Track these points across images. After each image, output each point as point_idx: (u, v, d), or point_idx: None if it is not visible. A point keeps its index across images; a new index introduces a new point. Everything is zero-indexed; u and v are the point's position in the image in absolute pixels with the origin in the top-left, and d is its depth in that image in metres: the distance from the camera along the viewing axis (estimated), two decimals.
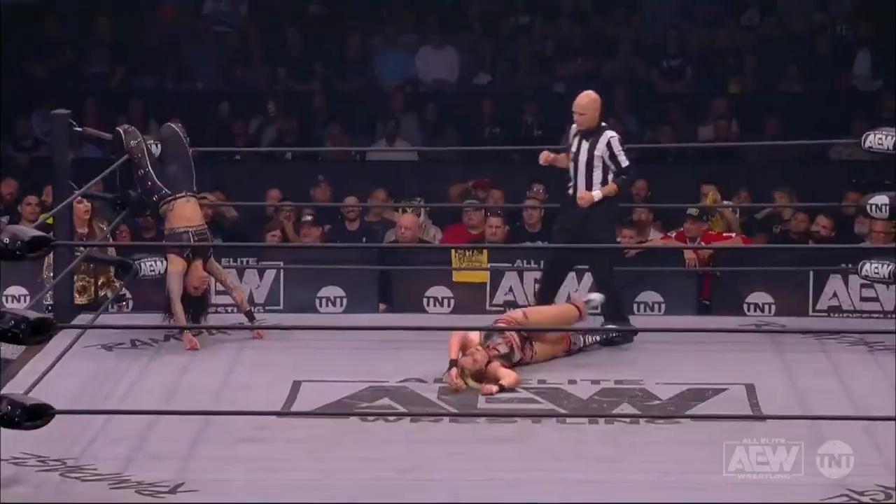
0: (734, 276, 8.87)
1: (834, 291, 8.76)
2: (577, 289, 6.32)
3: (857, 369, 6.57)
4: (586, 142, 6.96)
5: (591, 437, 5.69)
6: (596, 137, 6.96)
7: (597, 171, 6.95)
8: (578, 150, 6.98)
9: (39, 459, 5.35)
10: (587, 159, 6.94)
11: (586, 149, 6.96)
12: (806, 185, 10.16)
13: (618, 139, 6.99)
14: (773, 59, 12.04)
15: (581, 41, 12.26)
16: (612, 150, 6.95)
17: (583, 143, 6.98)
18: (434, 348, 6.74)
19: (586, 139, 6.96)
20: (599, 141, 6.95)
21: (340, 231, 9.83)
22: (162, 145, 7.24)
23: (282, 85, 12.21)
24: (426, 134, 11.84)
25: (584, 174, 6.96)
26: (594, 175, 6.95)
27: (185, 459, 5.41)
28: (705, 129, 11.60)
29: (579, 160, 6.97)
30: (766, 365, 6.55)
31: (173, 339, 7.03)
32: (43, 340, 5.09)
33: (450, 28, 12.39)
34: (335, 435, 5.67)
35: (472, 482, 5.23)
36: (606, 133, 6.99)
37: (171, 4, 12.64)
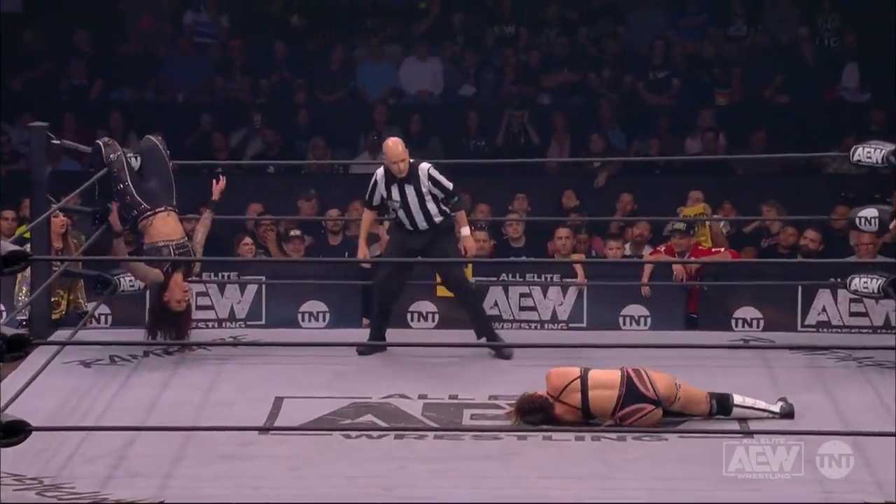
0: (721, 291, 8.90)
1: (823, 306, 8.79)
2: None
3: (847, 385, 6.58)
4: (409, 185, 6.99)
5: (577, 453, 5.69)
6: (415, 177, 7.00)
7: (430, 204, 7.04)
8: (403, 196, 7.00)
9: (16, 478, 5.33)
10: (417, 200, 7.00)
11: (413, 191, 7.00)
12: (794, 198, 10.20)
13: (432, 167, 7.06)
14: (760, 70, 12.09)
15: (567, 52, 12.29)
16: (436, 179, 7.02)
17: (405, 187, 6.99)
18: (417, 363, 6.75)
19: (407, 183, 6.99)
20: (420, 178, 7.00)
21: (323, 245, 9.82)
22: (142, 158, 7.22)
23: (264, 97, 12.21)
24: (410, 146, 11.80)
25: (421, 212, 7.02)
26: (430, 208, 7.03)
27: (165, 477, 5.39)
28: (692, 142, 11.64)
29: (409, 203, 7.00)
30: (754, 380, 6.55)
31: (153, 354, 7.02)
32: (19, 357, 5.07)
33: (434, 39, 12.42)
34: (318, 452, 5.66)
35: (457, 499, 5.22)
36: (422, 167, 7.05)
37: (151, 15, 12.63)
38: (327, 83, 12.30)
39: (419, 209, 7.03)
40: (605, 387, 5.88)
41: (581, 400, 5.88)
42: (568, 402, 5.88)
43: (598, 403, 5.88)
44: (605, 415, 5.89)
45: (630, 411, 5.86)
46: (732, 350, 7.11)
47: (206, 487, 5.31)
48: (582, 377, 5.90)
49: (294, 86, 12.23)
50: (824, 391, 6.46)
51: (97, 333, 7.90)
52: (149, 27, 12.60)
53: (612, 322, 8.93)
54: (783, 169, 11.52)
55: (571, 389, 5.88)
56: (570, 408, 5.89)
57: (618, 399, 5.86)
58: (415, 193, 7.01)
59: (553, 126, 11.72)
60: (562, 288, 9.02)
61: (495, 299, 8.91)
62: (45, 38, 12.42)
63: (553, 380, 5.94)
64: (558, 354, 6.62)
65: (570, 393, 5.88)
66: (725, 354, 6.86)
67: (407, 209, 7.03)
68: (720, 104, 11.99)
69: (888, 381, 6.60)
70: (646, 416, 5.86)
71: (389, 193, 7.04)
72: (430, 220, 7.04)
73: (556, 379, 5.93)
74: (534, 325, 8.98)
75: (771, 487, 5.27)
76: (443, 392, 6.45)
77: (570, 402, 5.88)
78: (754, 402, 6.03)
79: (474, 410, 6.23)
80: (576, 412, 5.89)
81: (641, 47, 12.30)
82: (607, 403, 5.87)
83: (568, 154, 11.47)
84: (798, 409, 6.08)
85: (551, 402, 5.91)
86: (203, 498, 5.21)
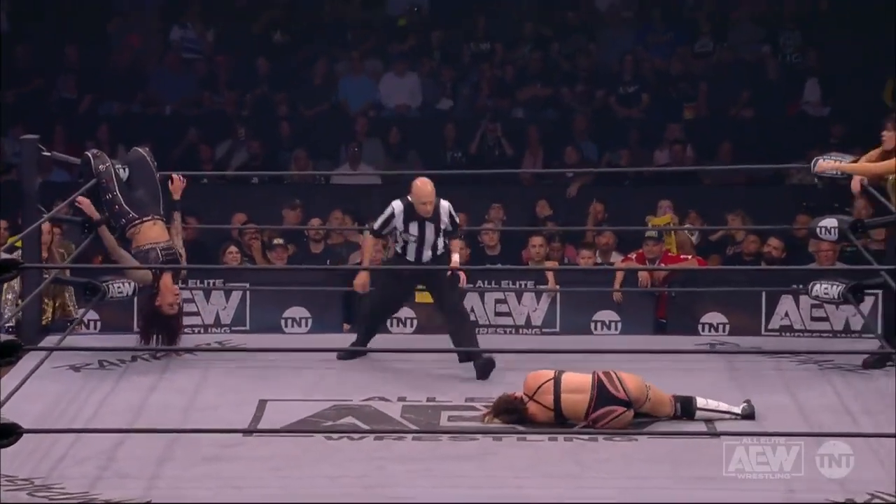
0: (689, 297, 8.92)
1: (786, 311, 8.82)
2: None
3: (808, 387, 6.60)
4: (430, 223, 6.90)
5: (550, 454, 5.68)
6: (437, 215, 6.91)
7: (440, 238, 6.95)
8: (422, 232, 6.88)
9: (7, 479, 5.29)
10: (434, 236, 6.90)
11: (432, 229, 6.90)
12: (758, 208, 10.23)
13: (450, 205, 6.97)
14: (725, 85, 12.13)
15: (540, 68, 12.31)
16: (453, 217, 6.94)
17: (426, 225, 6.89)
18: (396, 367, 6.74)
19: (429, 221, 6.90)
20: (441, 216, 6.91)
21: (305, 253, 9.81)
22: (129, 169, 7.20)
23: (248, 110, 12.19)
24: (389, 157, 11.85)
25: (431, 246, 6.92)
26: (438, 243, 6.94)
27: (153, 478, 5.36)
28: (661, 153, 11.66)
29: (425, 239, 6.89)
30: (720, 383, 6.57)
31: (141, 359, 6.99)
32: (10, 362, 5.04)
33: (412, 55, 12.42)
34: (300, 453, 5.64)
35: (435, 498, 5.20)
36: (443, 205, 6.94)
37: (139, 32, 12.60)
38: (309, 97, 12.29)
39: (431, 244, 6.93)
40: (577, 391, 5.88)
41: (553, 401, 5.88)
42: (541, 401, 5.90)
43: (570, 407, 5.89)
44: (578, 418, 5.89)
45: (602, 413, 5.86)
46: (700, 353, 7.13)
47: (191, 488, 5.29)
48: (556, 379, 5.91)
49: (277, 99, 12.22)
50: (787, 393, 6.48)
51: (87, 339, 7.87)
52: (137, 43, 12.58)
53: (585, 327, 8.94)
54: (748, 180, 11.56)
55: (544, 391, 5.89)
56: (543, 407, 5.89)
57: (590, 402, 5.86)
58: (433, 230, 6.90)
59: (527, 138, 11.73)
60: (536, 294, 9.02)
61: (471, 305, 8.90)
62: (35, 54, 12.38)
63: (528, 380, 5.96)
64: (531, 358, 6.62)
65: (543, 394, 5.90)
66: (693, 357, 6.87)
67: (420, 244, 6.92)
68: (687, 118, 12.03)
69: (848, 383, 6.64)
70: (617, 417, 5.87)
71: (406, 228, 6.90)
72: (436, 252, 6.95)
73: (531, 380, 5.94)
74: (509, 330, 8.98)
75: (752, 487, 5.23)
76: (421, 395, 6.45)
77: (542, 402, 5.89)
78: (717, 405, 6.04)
79: (451, 412, 6.22)
80: (548, 412, 5.89)
81: (612, 63, 12.33)
82: (579, 407, 5.87)
83: (541, 165, 11.49)
84: (761, 410, 6.09)
85: (526, 401, 5.92)
86: (189, 498, 5.18)
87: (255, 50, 12.44)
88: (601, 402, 5.86)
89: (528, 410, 5.91)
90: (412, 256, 6.94)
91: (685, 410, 5.99)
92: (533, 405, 5.91)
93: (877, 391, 6.45)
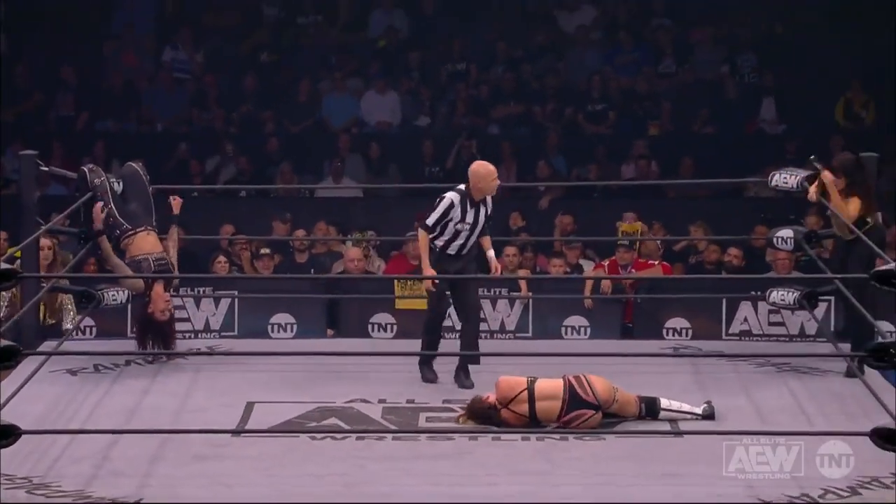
0: (654, 303, 8.95)
1: (745, 317, 8.86)
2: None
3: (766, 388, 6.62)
4: (483, 207, 6.72)
5: (523, 452, 5.69)
6: (485, 200, 6.74)
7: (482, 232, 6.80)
8: (476, 219, 6.70)
9: (7, 477, 5.26)
10: (482, 223, 6.73)
11: (483, 214, 6.73)
12: (719, 219, 10.28)
13: None
14: (687, 104, 12.18)
15: (513, 87, 12.34)
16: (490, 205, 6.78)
17: (480, 210, 6.71)
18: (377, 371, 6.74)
19: (482, 205, 6.72)
20: (488, 202, 6.75)
21: (291, 262, 9.80)
22: (123, 183, 7.18)
23: (236, 127, 12.18)
24: (370, 172, 11.85)
25: (476, 236, 6.74)
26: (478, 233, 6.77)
27: (145, 476, 5.34)
28: (627, 168, 11.70)
29: (476, 227, 6.71)
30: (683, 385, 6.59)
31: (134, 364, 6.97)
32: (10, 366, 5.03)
33: (392, 75, 12.44)
34: (286, 452, 5.63)
35: (414, 495, 5.20)
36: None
37: (133, 53, 12.58)
38: (294, 114, 12.28)
39: (476, 234, 6.74)
40: (550, 397, 5.91)
41: (529, 409, 5.91)
42: (516, 410, 5.91)
43: (543, 412, 5.92)
44: (551, 420, 5.91)
45: (573, 417, 5.89)
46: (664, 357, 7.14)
47: (182, 486, 5.27)
48: (529, 389, 5.92)
49: (264, 117, 12.20)
50: (745, 394, 6.51)
51: (82, 344, 7.84)
52: (130, 63, 12.55)
53: (555, 332, 8.96)
54: (709, 193, 11.61)
55: (519, 400, 5.91)
56: (518, 415, 5.91)
57: (562, 406, 5.89)
58: (483, 217, 6.73)
59: (501, 153, 11.75)
60: (509, 301, 9.04)
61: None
62: (34, 73, 12.34)
63: (502, 388, 5.94)
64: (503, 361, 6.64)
65: (518, 403, 5.91)
66: (658, 361, 6.89)
67: (471, 233, 6.71)
68: (652, 134, 12.07)
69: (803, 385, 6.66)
70: (586, 420, 5.89)
71: (464, 217, 6.68)
72: (473, 244, 6.76)
73: (505, 389, 5.94)
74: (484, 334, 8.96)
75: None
76: (400, 397, 6.45)
77: (518, 410, 5.91)
78: (679, 406, 6.07)
79: (429, 413, 6.23)
80: (523, 419, 5.91)
81: (581, 82, 12.37)
82: (552, 411, 5.90)
83: (515, 179, 11.51)
84: (722, 410, 6.12)
85: (499, 408, 5.93)
86: (180, 496, 5.17)
87: (242, 70, 12.43)
88: (572, 406, 5.88)
89: (502, 416, 5.92)
90: (458, 249, 6.72)
91: (649, 410, 6.01)
92: (507, 412, 5.92)
93: (830, 392, 6.49)
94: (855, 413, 6.06)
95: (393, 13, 12.70)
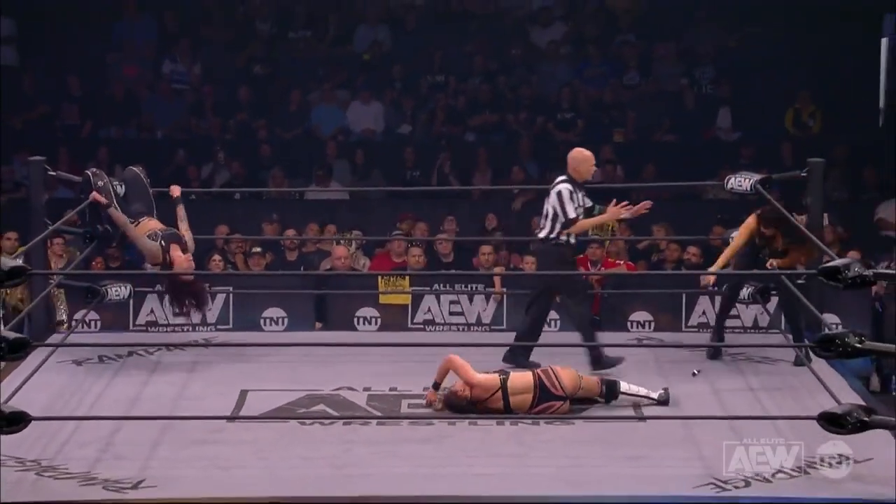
0: (619, 298, 8.97)
1: (703, 311, 8.89)
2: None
3: (722, 376, 6.66)
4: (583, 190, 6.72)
5: (498, 436, 5.70)
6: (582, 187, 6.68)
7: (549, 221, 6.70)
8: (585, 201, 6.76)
9: (17, 460, 5.25)
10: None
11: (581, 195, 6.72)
12: (679, 220, 10.31)
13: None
14: (650, 113, 12.21)
15: (489, 97, 12.35)
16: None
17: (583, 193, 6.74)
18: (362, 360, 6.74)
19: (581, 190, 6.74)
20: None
21: (282, 260, 9.79)
22: (125, 185, 7.15)
23: (231, 134, 12.15)
24: (356, 176, 11.84)
25: None
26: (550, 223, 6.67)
27: (146, 459, 5.33)
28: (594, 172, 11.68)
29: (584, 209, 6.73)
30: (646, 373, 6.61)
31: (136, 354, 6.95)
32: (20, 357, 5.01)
33: (376, 86, 12.43)
34: (278, 437, 5.63)
35: (397, 476, 5.21)
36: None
37: (134, 64, 12.53)
38: (285, 122, 12.26)
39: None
40: (523, 392, 5.96)
41: (504, 405, 5.95)
42: (491, 407, 5.95)
43: (517, 404, 5.96)
44: (523, 410, 5.96)
45: (543, 408, 5.93)
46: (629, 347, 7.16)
47: (180, 468, 5.26)
48: (503, 387, 5.94)
49: (257, 125, 12.18)
50: (704, 381, 6.54)
51: (88, 336, 7.82)
52: (132, 75, 12.50)
53: None
54: (670, 196, 11.63)
55: (495, 399, 5.95)
56: (493, 410, 5.95)
57: (532, 399, 5.95)
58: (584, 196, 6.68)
59: (477, 159, 11.76)
60: (485, 296, 9.05)
61: (429, 306, 8.92)
62: (41, 84, 12.28)
63: (477, 391, 5.96)
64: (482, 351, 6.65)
65: (494, 401, 5.95)
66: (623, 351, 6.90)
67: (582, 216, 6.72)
68: (617, 141, 12.09)
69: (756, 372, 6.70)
70: (556, 410, 5.93)
71: (582, 201, 6.73)
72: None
73: (481, 391, 5.96)
74: (462, 327, 9.01)
75: None
76: (384, 385, 6.45)
77: (493, 407, 5.95)
78: (637, 390, 6.12)
79: (411, 400, 6.23)
80: (499, 412, 5.95)
81: (552, 93, 12.38)
82: (525, 404, 5.96)
83: (490, 183, 11.52)
84: (681, 396, 6.15)
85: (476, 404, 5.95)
86: (179, 477, 5.16)
87: (237, 81, 12.40)
88: (542, 398, 5.94)
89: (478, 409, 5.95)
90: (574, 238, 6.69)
91: (610, 391, 6.06)
92: (483, 407, 5.95)
93: (781, 379, 6.53)
94: (803, 398, 6.09)
95: (377, 29, 12.70)
